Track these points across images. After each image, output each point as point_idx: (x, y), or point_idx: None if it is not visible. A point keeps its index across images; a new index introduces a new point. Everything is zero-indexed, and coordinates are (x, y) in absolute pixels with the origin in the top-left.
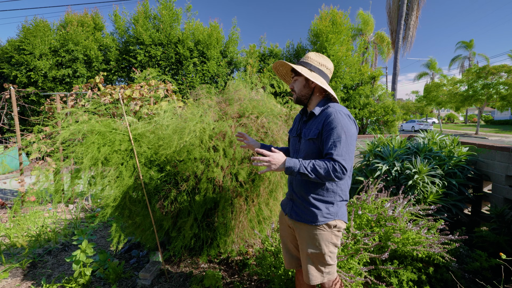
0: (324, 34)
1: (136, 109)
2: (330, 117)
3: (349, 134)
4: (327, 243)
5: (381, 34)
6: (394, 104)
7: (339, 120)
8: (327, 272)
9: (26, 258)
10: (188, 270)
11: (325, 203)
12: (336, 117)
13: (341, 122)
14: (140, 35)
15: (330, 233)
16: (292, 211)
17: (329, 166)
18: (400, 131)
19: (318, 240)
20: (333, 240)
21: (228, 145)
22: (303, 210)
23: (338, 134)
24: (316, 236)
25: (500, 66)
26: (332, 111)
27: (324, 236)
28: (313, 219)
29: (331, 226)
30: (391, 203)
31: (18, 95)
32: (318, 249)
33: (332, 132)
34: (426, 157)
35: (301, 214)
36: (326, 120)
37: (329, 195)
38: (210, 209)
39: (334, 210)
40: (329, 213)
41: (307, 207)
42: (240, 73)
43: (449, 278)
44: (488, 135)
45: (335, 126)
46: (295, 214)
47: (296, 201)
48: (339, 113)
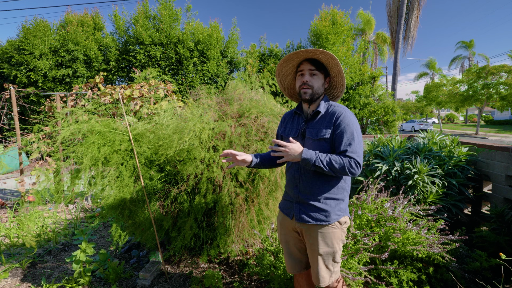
0: (324, 34)
1: (136, 109)
2: (341, 115)
3: (358, 131)
4: (338, 241)
5: (382, 34)
6: (394, 104)
7: (349, 118)
8: (334, 272)
9: (26, 258)
10: (188, 270)
11: (336, 200)
12: (346, 116)
13: (352, 120)
14: (140, 35)
15: (341, 230)
16: (301, 214)
17: (345, 162)
18: (400, 131)
19: (331, 238)
20: (342, 236)
21: (228, 145)
22: (315, 210)
23: (351, 132)
24: (329, 234)
25: (500, 66)
26: (341, 110)
27: (336, 234)
28: (326, 218)
29: (341, 223)
30: (391, 203)
31: (18, 95)
32: (331, 248)
33: (345, 130)
34: (426, 157)
35: (312, 215)
36: (337, 119)
37: (339, 192)
38: (210, 209)
39: (344, 207)
40: (340, 210)
41: (319, 207)
42: (240, 73)
43: (449, 278)
44: (488, 135)
45: (347, 125)
46: (306, 216)
47: (305, 203)
48: (347, 111)
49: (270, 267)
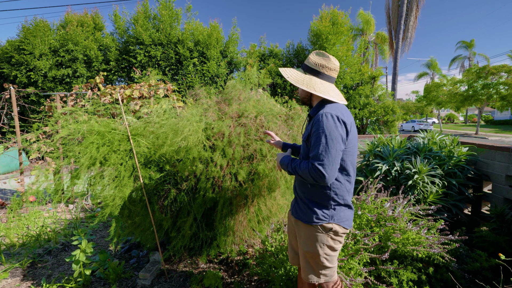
0: (324, 34)
1: (136, 109)
2: (317, 119)
3: (330, 137)
4: (322, 245)
5: (382, 34)
6: (394, 104)
7: (323, 122)
8: (324, 274)
9: (26, 258)
10: (188, 270)
11: (318, 204)
12: (321, 120)
13: (325, 125)
14: (140, 35)
15: (326, 236)
16: (293, 209)
17: (307, 167)
18: (400, 131)
19: (313, 240)
20: (329, 242)
21: (227, 145)
22: (302, 209)
23: (318, 137)
24: (312, 236)
25: (500, 66)
26: (320, 113)
27: (319, 237)
28: (308, 219)
29: (327, 229)
30: (391, 203)
31: (18, 95)
32: (312, 249)
33: (315, 135)
34: (426, 157)
35: (299, 213)
36: (314, 123)
37: (321, 197)
38: (210, 209)
39: (329, 213)
40: (323, 215)
41: (304, 207)
42: (240, 73)
43: (449, 278)
44: (488, 135)
45: (317, 129)
46: (295, 212)
47: (298, 200)
48: (325, 115)
49: (270, 267)
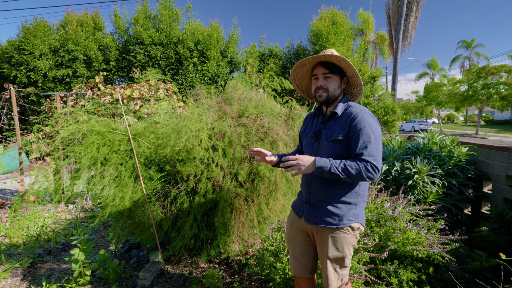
0: (324, 34)
1: (136, 109)
2: (357, 117)
3: (377, 133)
4: (349, 246)
5: (382, 34)
6: (394, 104)
7: (366, 120)
8: (343, 275)
9: (26, 258)
10: (188, 270)
11: (348, 204)
12: (363, 118)
13: (369, 122)
14: (140, 35)
15: (353, 236)
16: (310, 214)
17: (361, 166)
18: (400, 131)
19: (342, 243)
20: (354, 242)
21: (228, 145)
22: (325, 212)
23: (367, 135)
24: (340, 239)
25: (500, 66)
26: (357, 111)
27: (347, 239)
28: (336, 222)
29: (354, 228)
30: (391, 203)
31: (18, 95)
32: (341, 252)
33: (361, 133)
34: (426, 157)
35: (321, 217)
36: (353, 121)
37: (352, 196)
38: (210, 209)
39: (357, 212)
40: (353, 215)
41: (329, 210)
42: (240, 73)
43: (449, 278)
44: (488, 135)
45: (363, 127)
46: (314, 217)
47: (315, 204)
48: (365, 113)
49: (270, 267)
